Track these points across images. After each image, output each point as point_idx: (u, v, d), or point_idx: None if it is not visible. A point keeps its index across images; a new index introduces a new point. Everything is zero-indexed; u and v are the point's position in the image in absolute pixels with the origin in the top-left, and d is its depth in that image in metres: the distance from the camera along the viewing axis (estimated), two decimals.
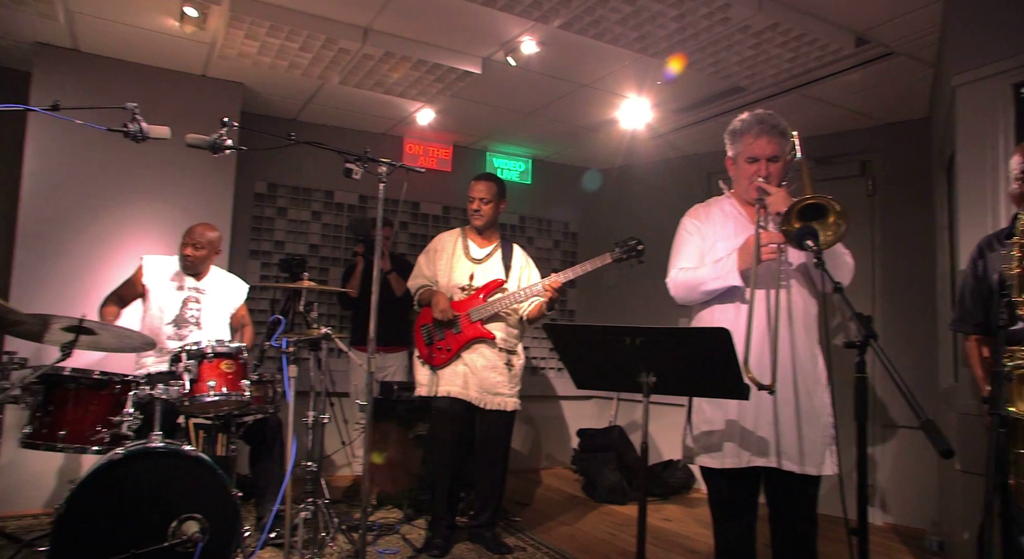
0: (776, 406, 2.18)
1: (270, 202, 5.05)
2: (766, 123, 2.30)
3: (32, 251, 3.94)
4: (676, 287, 2.42)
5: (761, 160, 2.30)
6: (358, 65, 3.90)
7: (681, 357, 1.97)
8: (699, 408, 2.35)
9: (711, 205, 2.52)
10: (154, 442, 2.64)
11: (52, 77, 4.01)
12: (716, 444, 2.27)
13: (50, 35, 3.88)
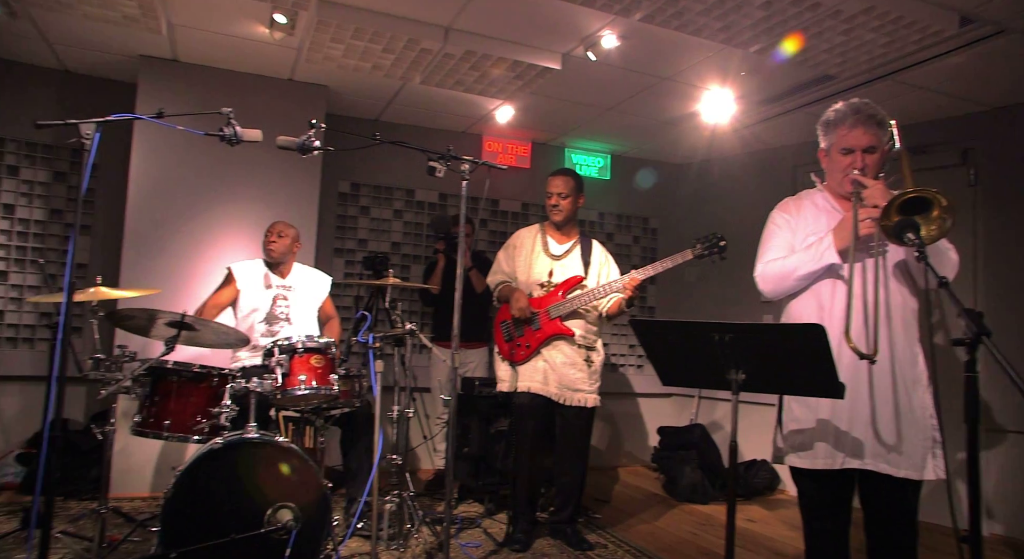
0: (873, 406, 2.09)
1: (353, 201, 5.19)
2: (862, 112, 2.20)
3: (138, 250, 4.19)
4: (765, 279, 2.34)
5: (856, 151, 2.20)
6: (439, 64, 3.96)
7: (772, 354, 1.92)
8: (788, 407, 2.28)
9: (802, 198, 2.43)
10: (250, 433, 2.77)
11: (155, 87, 4.24)
12: (807, 444, 2.19)
13: (153, 48, 4.11)
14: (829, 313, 2.17)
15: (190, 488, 2.59)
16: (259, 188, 4.44)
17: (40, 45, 4.14)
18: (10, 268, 4.36)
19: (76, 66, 4.46)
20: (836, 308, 2.15)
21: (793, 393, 2.20)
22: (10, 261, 4.36)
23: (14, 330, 4.37)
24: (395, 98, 4.74)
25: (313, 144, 2.80)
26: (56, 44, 4.11)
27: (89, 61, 4.36)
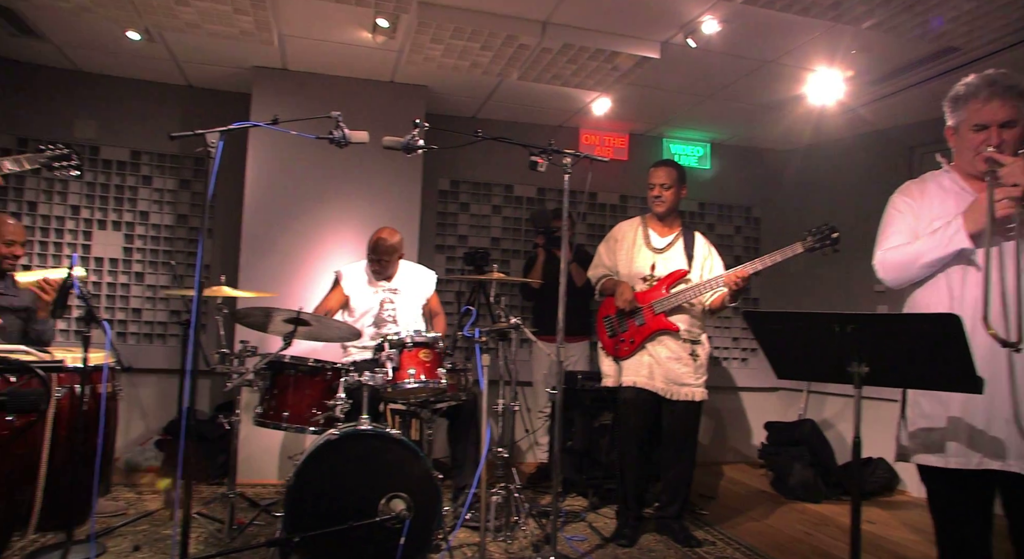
0: (1016, 401, 1.94)
1: (453, 198, 5.29)
2: (999, 84, 2.03)
3: (254, 250, 4.44)
4: (886, 268, 2.20)
5: (992, 127, 2.04)
6: (536, 59, 3.97)
7: (900, 346, 1.81)
8: (915, 402, 2.14)
9: (926, 181, 2.27)
10: (363, 425, 2.88)
11: (267, 96, 4.47)
12: (937, 442, 2.05)
13: (265, 58, 4.34)
14: (960, 302, 2.03)
15: (309, 477, 2.73)
16: (364, 187, 4.60)
17: (169, 64, 4.45)
18: (145, 270, 4.72)
19: (198, 81, 4.77)
20: (968, 296, 2.01)
21: (923, 387, 2.07)
22: (145, 263, 4.73)
23: (149, 326, 4.73)
24: (492, 95, 4.79)
25: (417, 143, 2.87)
26: (183, 62, 4.41)
27: (209, 75, 4.65)
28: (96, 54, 4.39)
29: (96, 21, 3.74)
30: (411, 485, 2.77)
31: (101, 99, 4.69)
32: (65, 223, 4.63)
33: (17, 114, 4.57)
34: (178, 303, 4.75)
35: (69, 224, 4.64)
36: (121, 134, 4.72)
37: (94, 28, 3.91)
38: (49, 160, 2.60)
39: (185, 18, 3.62)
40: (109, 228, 4.69)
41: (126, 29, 3.86)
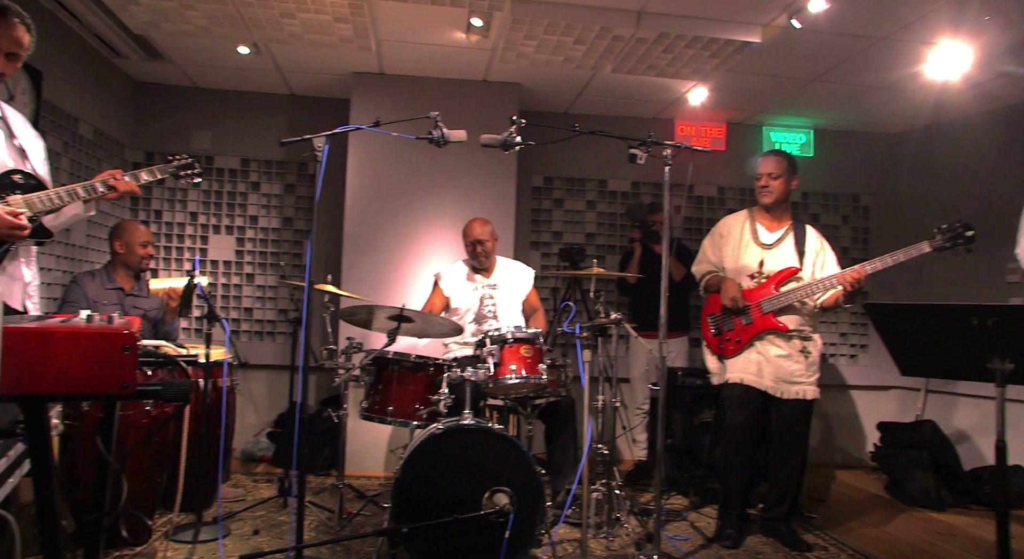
0: None
1: (547, 194, 5.29)
2: None
3: (355, 250, 4.59)
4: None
5: None
6: (631, 50, 3.91)
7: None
8: None
9: None
10: (466, 419, 2.92)
11: (365, 100, 4.62)
12: None
13: (363, 64, 4.47)
14: None
15: (415, 470, 2.79)
16: (459, 186, 4.68)
17: (274, 75, 4.68)
18: (255, 271, 4.98)
19: (300, 89, 4.98)
20: None
21: None
22: (255, 264, 4.98)
23: (259, 325, 4.98)
24: (585, 89, 4.75)
25: (515, 140, 2.88)
26: (286, 72, 4.62)
27: (310, 83, 4.85)
28: (211, 71, 4.67)
29: (212, 40, 3.97)
30: (514, 480, 2.78)
31: (214, 112, 4.99)
32: (185, 228, 4.95)
33: (145, 130, 4.94)
34: (285, 302, 4.98)
35: (188, 229, 4.95)
36: (232, 144, 4.99)
37: (210, 46, 4.16)
38: (176, 169, 2.78)
39: (289, 30, 3.78)
40: (223, 232, 4.97)
41: (237, 45, 4.07)
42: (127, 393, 1.03)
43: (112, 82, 4.62)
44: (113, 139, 4.64)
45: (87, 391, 1.02)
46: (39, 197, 2.36)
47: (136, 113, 4.92)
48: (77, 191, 2.45)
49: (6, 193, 2.30)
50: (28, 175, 2.39)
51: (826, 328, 5.44)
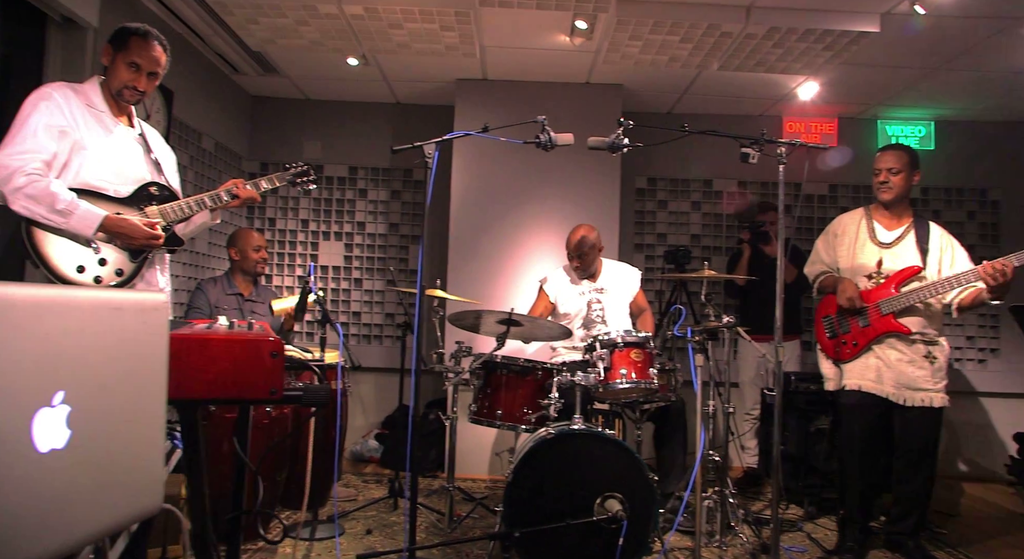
0: None
1: (651, 196, 5.21)
2: None
3: (461, 254, 4.66)
4: None
5: None
6: (739, 47, 3.79)
7: None
8: None
9: None
10: (576, 424, 2.90)
11: (469, 106, 4.69)
12: None
13: (466, 70, 4.54)
14: None
15: (527, 474, 2.79)
16: (563, 189, 4.67)
17: (381, 85, 4.83)
18: (363, 276, 5.14)
19: (406, 98, 5.12)
20: None
21: None
22: (363, 270, 5.15)
23: (367, 328, 5.14)
24: (689, 88, 4.65)
25: (622, 142, 2.84)
26: (392, 81, 4.75)
27: (415, 91, 4.97)
28: (321, 82, 4.86)
29: (324, 53, 4.14)
30: (626, 486, 2.74)
31: (324, 122, 5.19)
32: (297, 235, 5.17)
33: (260, 142, 5.20)
34: (392, 306, 5.12)
35: (300, 236, 5.17)
36: (341, 152, 5.18)
37: (321, 59, 4.33)
38: (293, 177, 2.90)
39: (397, 39, 3.88)
40: (332, 238, 5.17)
41: (347, 56, 4.22)
42: (276, 398, 1.07)
43: (231, 97, 4.89)
44: (232, 151, 4.91)
45: (239, 395, 1.07)
46: (172, 207, 2.52)
47: (252, 126, 5.19)
48: (204, 200, 2.59)
49: (144, 204, 2.47)
50: (163, 187, 2.55)
51: (950, 330, 5.09)
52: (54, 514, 0.61)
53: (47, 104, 2.27)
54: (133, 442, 0.71)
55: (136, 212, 2.42)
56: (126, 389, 0.70)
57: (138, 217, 2.39)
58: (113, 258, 2.34)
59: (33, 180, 2.16)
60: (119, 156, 2.44)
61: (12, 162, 2.16)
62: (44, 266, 2.21)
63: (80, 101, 2.37)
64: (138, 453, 0.73)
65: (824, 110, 5.02)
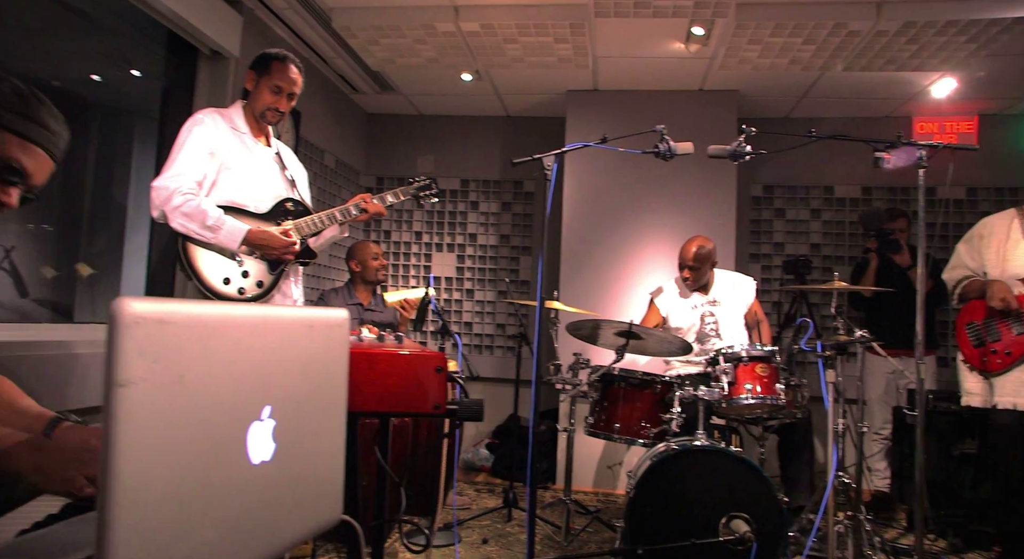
0: None
1: (767, 204, 5.03)
2: None
3: (573, 266, 4.65)
4: None
5: None
6: (868, 45, 3.60)
7: None
8: None
9: None
10: (700, 440, 2.82)
11: (580, 117, 4.69)
12: None
13: (578, 82, 4.55)
14: None
15: (649, 490, 2.73)
16: (676, 199, 4.58)
17: (492, 99, 4.91)
18: (475, 287, 5.23)
19: (516, 111, 5.18)
20: None
21: None
22: (474, 280, 5.23)
23: (479, 339, 5.21)
24: (809, 91, 4.46)
25: (744, 150, 2.76)
26: (504, 94, 4.83)
27: (526, 104, 5.02)
28: (434, 98, 5.00)
29: (439, 69, 4.25)
30: (753, 506, 2.63)
31: (437, 137, 5.34)
32: (411, 247, 5.32)
33: (376, 157, 5.41)
34: (503, 317, 5.17)
35: (414, 248, 5.32)
36: (452, 166, 5.30)
37: (435, 76, 4.45)
38: (417, 190, 2.99)
39: (511, 54, 3.93)
40: (445, 250, 5.28)
41: (461, 72, 4.32)
42: (439, 412, 1.09)
43: (350, 116, 5.11)
44: (351, 167, 5.12)
45: (403, 409, 1.09)
46: (306, 221, 2.64)
47: (368, 142, 5.39)
48: (335, 215, 2.71)
49: (280, 219, 2.61)
50: (297, 202, 2.68)
51: None
52: (262, 523, 0.64)
53: (199, 129, 2.44)
54: (321, 454, 0.74)
55: (274, 226, 2.56)
56: (316, 403, 0.72)
57: (276, 231, 2.52)
58: (254, 270, 2.48)
59: (188, 199, 2.33)
60: (259, 174, 2.59)
61: (171, 183, 2.34)
62: (196, 278, 2.37)
63: (226, 124, 2.54)
64: (324, 465, 0.75)
65: (961, 107, 4.68)
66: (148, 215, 3.43)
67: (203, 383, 0.55)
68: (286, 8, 3.58)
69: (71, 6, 3.03)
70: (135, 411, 0.49)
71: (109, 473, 0.47)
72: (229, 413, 0.59)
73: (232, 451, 0.60)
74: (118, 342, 0.48)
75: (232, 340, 0.59)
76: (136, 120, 3.58)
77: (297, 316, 0.69)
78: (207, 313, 0.57)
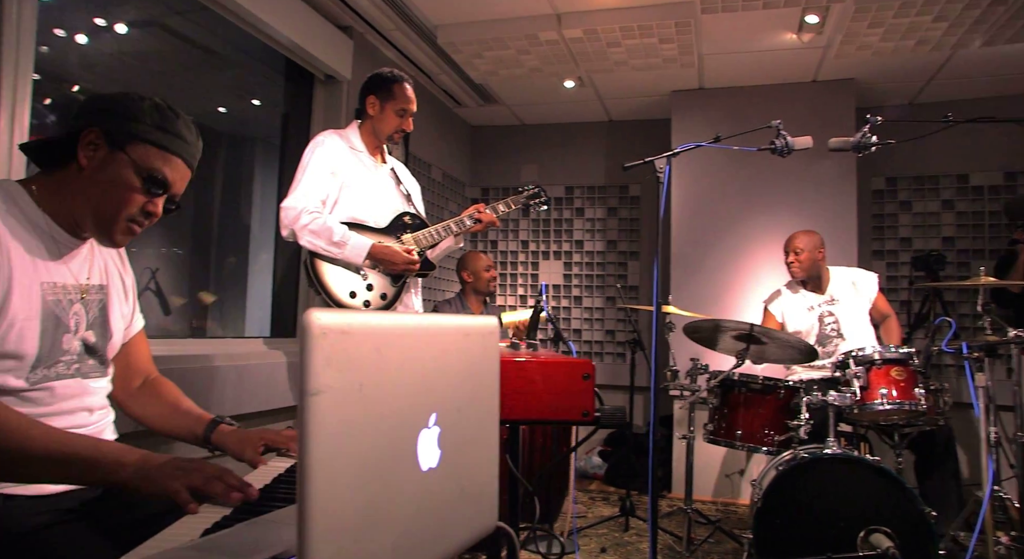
0: None
1: (890, 197, 4.73)
2: None
3: (683, 270, 4.55)
4: None
5: None
6: (1016, 14, 3.29)
7: None
8: None
9: None
10: (831, 448, 2.67)
11: (685, 117, 4.59)
12: None
13: (682, 82, 4.45)
14: None
15: (777, 500, 2.61)
16: (790, 197, 4.39)
17: (595, 104, 4.89)
18: (582, 294, 5.20)
19: (618, 115, 5.14)
20: None
21: None
22: (582, 287, 5.21)
23: (588, 345, 5.18)
24: (938, 73, 4.16)
25: (870, 140, 2.62)
26: (606, 99, 4.80)
27: (628, 108, 4.97)
28: (536, 108, 5.03)
29: (542, 78, 4.28)
30: (894, 520, 2.47)
31: (540, 146, 5.37)
32: (518, 256, 5.36)
33: (480, 169, 5.50)
34: (612, 323, 5.11)
35: (521, 256, 5.36)
36: (557, 173, 5.31)
37: (538, 85, 4.48)
38: (527, 199, 3.01)
39: (615, 58, 3.90)
40: (551, 257, 5.29)
41: (564, 80, 4.33)
42: (587, 420, 1.08)
43: (453, 129, 5.22)
44: (457, 179, 5.23)
45: (552, 417, 1.08)
46: (423, 234, 2.71)
47: (472, 154, 5.49)
48: (451, 226, 2.76)
49: (399, 233, 2.68)
50: (414, 216, 2.76)
51: None
52: (430, 530, 0.65)
53: (321, 150, 2.56)
54: (479, 462, 0.75)
55: (394, 240, 2.64)
56: (474, 411, 0.73)
57: (396, 245, 2.60)
58: (378, 283, 2.57)
59: (314, 217, 2.44)
60: (377, 190, 2.68)
61: (298, 203, 2.46)
62: (324, 293, 2.47)
63: (344, 144, 2.65)
64: (483, 472, 0.76)
65: None
66: (272, 235, 3.66)
67: (379, 391, 0.57)
68: (393, 30, 3.70)
69: (201, 45, 3.27)
70: (326, 418, 0.51)
71: (306, 477, 0.49)
72: (402, 420, 0.60)
73: (405, 458, 0.61)
74: (309, 353, 0.50)
75: (401, 348, 0.60)
76: (257, 146, 3.81)
77: (455, 324, 0.70)
78: (381, 323, 0.58)
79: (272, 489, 1.10)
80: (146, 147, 1.24)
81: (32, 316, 1.18)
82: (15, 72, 2.11)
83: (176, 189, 1.32)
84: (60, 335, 1.24)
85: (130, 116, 1.24)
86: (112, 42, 2.84)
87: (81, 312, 1.31)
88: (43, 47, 2.21)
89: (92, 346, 1.33)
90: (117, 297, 1.43)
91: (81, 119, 1.24)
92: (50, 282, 1.23)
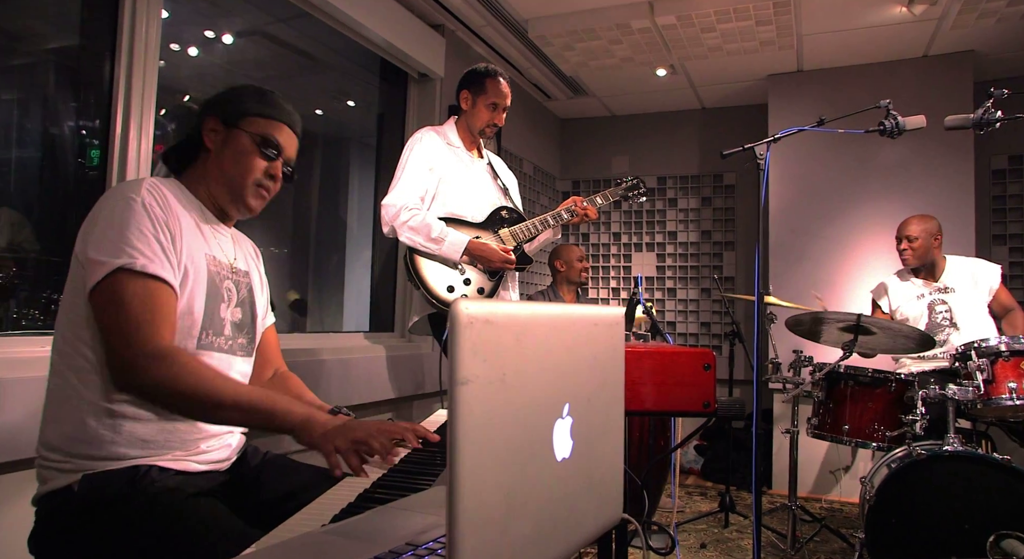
0: None
1: (1015, 177, 4.39)
2: None
3: (783, 259, 4.39)
4: None
5: None
6: None
7: None
8: None
9: None
10: (951, 445, 2.52)
11: (783, 101, 4.41)
12: None
13: (779, 65, 4.29)
14: None
15: (892, 499, 2.49)
16: (899, 181, 4.15)
17: (687, 92, 4.79)
18: (676, 285, 5.11)
19: (712, 102, 5.00)
20: None
21: None
22: (675, 279, 5.12)
23: (682, 338, 5.09)
24: None
25: (995, 116, 2.45)
26: (699, 86, 4.68)
27: (722, 94, 4.83)
28: (627, 98, 4.97)
29: (633, 68, 4.22)
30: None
31: (631, 136, 5.30)
32: (610, 248, 5.32)
33: (570, 161, 5.49)
34: (707, 315, 5.00)
35: (613, 249, 5.31)
36: (648, 164, 5.23)
37: (628, 75, 4.42)
38: (626, 191, 2.98)
39: (708, 43, 3.80)
40: (644, 249, 5.22)
41: (656, 68, 4.25)
42: (708, 411, 1.06)
43: (544, 122, 5.23)
44: (547, 173, 5.23)
45: (673, 408, 1.07)
46: (521, 228, 2.73)
47: (562, 147, 5.49)
48: (548, 220, 2.77)
49: (497, 227, 2.71)
50: (512, 210, 2.78)
51: None
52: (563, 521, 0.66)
53: (419, 147, 2.62)
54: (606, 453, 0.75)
55: (492, 234, 2.67)
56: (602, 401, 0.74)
57: (494, 239, 2.63)
58: (475, 278, 2.61)
59: (413, 214, 2.51)
60: (474, 185, 2.72)
61: (397, 201, 2.53)
62: (423, 287, 2.54)
63: (441, 140, 2.70)
64: (610, 463, 0.76)
65: None
66: (369, 233, 3.77)
67: (519, 380, 0.58)
68: (484, 26, 3.74)
69: (299, 50, 3.40)
70: (473, 407, 0.52)
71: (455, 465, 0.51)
72: (539, 410, 0.61)
73: (542, 447, 0.62)
74: (458, 342, 0.51)
75: (538, 338, 0.61)
76: (352, 146, 3.94)
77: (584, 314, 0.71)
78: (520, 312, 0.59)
79: (388, 478, 1.14)
80: (255, 119, 1.40)
81: (200, 280, 1.32)
82: (143, 85, 2.27)
83: (288, 153, 1.46)
84: (217, 304, 1.37)
85: (237, 99, 1.42)
86: (221, 52, 3.00)
87: (232, 289, 1.43)
88: (160, 62, 2.37)
89: (239, 323, 1.44)
90: (257, 286, 1.55)
91: (200, 116, 1.42)
92: (211, 254, 1.38)
